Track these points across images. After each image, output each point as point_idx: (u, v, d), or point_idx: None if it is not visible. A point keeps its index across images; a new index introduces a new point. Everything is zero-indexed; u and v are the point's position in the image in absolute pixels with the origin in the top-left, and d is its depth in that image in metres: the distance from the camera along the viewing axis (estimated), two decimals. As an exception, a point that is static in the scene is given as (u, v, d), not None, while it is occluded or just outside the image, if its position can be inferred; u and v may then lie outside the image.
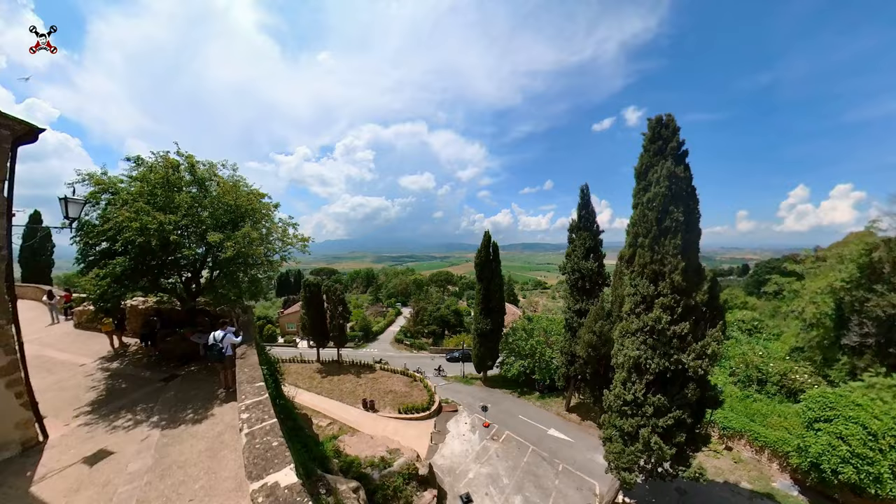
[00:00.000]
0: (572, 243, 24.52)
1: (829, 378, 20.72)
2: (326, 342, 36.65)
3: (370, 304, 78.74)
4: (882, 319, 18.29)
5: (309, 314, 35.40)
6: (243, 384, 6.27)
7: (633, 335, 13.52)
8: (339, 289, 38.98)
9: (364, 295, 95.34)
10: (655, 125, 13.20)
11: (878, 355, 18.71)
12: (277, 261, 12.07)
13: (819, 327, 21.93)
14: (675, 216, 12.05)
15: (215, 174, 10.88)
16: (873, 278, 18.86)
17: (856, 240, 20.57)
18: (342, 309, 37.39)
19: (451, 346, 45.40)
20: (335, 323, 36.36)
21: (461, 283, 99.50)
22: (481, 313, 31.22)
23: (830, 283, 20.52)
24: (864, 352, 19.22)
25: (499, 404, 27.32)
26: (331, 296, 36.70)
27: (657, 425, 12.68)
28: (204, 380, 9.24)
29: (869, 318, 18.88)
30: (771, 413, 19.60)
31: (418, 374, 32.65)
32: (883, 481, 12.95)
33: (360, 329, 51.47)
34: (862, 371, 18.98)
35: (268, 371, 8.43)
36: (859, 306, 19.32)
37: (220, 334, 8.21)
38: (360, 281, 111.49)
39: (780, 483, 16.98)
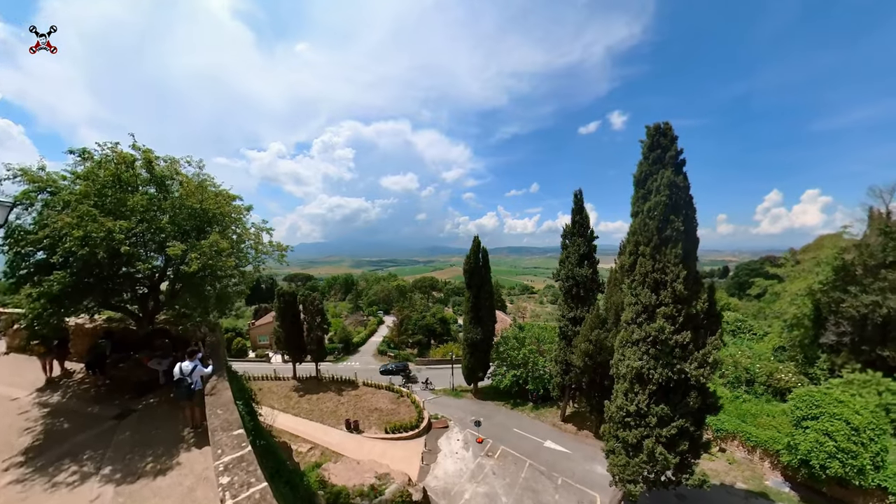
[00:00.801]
0: (566, 249, 24.87)
1: (810, 375, 22.25)
2: (303, 357, 35.02)
3: (350, 312, 77.01)
4: (856, 319, 19.77)
5: (283, 326, 33.68)
6: (217, 432, 5.27)
7: (634, 345, 13.82)
8: (317, 298, 37.45)
9: (343, 303, 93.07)
10: (654, 133, 13.59)
11: (853, 353, 20.23)
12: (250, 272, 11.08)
13: (799, 327, 23.57)
14: (676, 225, 12.49)
15: (178, 172, 9.75)
16: (847, 280, 20.46)
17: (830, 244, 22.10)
18: (320, 320, 35.91)
19: (439, 356, 45.04)
20: (313, 335, 34.82)
21: (446, 289, 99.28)
22: (471, 322, 31.17)
23: (809, 286, 22.00)
24: (841, 350, 20.70)
25: (491, 417, 27.29)
26: (308, 306, 35.16)
27: (661, 435, 12.99)
28: (166, 416, 8.11)
29: (844, 318, 20.41)
30: (760, 413, 20.80)
31: (405, 389, 32.21)
32: (866, 473, 14.21)
33: (339, 341, 50.13)
34: (840, 368, 20.38)
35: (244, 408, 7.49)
36: (835, 307, 20.88)
37: (189, 366, 7.24)
38: (338, 287, 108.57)
39: (773, 481, 18.02)
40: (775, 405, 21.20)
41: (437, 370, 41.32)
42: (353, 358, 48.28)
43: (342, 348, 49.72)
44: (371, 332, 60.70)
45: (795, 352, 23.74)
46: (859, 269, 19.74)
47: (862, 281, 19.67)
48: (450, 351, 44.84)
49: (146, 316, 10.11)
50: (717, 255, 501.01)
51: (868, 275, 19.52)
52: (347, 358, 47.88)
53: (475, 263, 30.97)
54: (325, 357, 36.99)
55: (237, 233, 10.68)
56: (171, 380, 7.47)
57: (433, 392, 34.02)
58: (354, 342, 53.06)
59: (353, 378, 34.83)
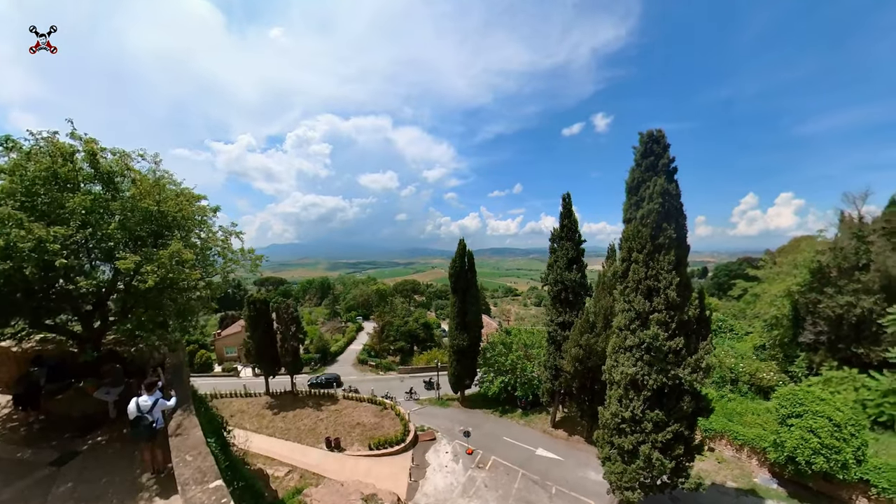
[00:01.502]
0: (554, 253, 25.30)
1: (790, 373, 23.71)
2: (277, 370, 33.41)
3: (326, 318, 75.20)
4: (832, 318, 21.27)
5: (254, 337, 31.97)
6: (190, 486, 4.41)
7: (627, 351, 14.27)
8: (292, 305, 35.84)
9: (319, 308, 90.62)
10: (647, 140, 14.11)
11: (830, 351, 21.73)
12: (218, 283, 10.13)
13: (779, 327, 25.11)
14: (669, 233, 13.02)
15: (129, 167, 8.61)
16: (823, 282, 22.02)
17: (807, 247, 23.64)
18: (295, 329, 34.44)
19: (422, 363, 44.63)
20: (288, 346, 33.30)
21: (428, 293, 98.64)
22: (457, 328, 31.10)
23: (787, 287, 23.40)
24: (819, 348, 22.21)
25: (480, 427, 27.32)
26: (281, 314, 33.59)
27: (657, 440, 13.45)
28: (118, 458, 6.93)
29: (821, 318, 21.94)
30: (745, 411, 21.96)
31: (388, 401, 31.61)
32: (848, 467, 15.39)
33: (316, 350, 48.78)
34: (818, 366, 21.78)
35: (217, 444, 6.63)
36: (813, 307, 22.45)
37: (148, 401, 6.34)
38: (313, 292, 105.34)
39: (761, 478, 19.09)
40: (759, 403, 22.47)
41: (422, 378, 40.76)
42: (331, 368, 46.88)
43: (319, 359, 48.42)
44: (350, 339, 59.36)
45: (776, 350, 25.36)
46: (834, 271, 21.31)
47: (837, 282, 21.28)
48: (434, 358, 44.50)
49: (91, 337, 8.94)
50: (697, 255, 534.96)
51: (842, 276, 21.11)
52: (325, 369, 46.45)
53: (460, 267, 30.89)
54: (301, 369, 35.49)
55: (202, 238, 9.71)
56: (123, 413, 6.51)
57: (418, 402, 33.75)
58: (332, 351, 51.71)
59: (333, 391, 33.99)
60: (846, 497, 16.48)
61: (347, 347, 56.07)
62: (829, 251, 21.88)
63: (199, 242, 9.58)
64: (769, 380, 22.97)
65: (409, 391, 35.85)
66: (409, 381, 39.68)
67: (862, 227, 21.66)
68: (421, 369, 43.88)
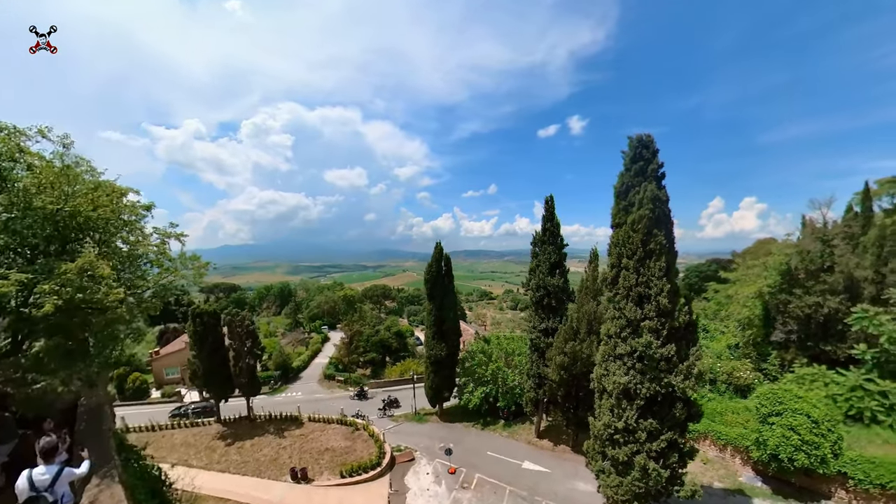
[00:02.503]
0: (536, 258, 25.52)
1: (764, 371, 25.48)
2: (230, 392, 30.54)
3: (287, 329, 71.99)
4: (801, 318, 23.27)
5: (201, 356, 29.08)
6: None
7: (618, 359, 14.60)
8: (247, 317, 33.03)
9: (278, 318, 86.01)
10: (636, 145, 14.56)
11: (800, 348, 23.70)
12: (150, 301, 8.61)
13: (751, 327, 26.92)
14: (659, 239, 13.46)
15: (22, 149, 7.03)
16: (792, 283, 23.87)
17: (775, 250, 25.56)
18: (251, 344, 31.77)
19: (395, 375, 43.71)
20: (242, 364, 30.69)
21: (400, 298, 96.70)
22: (434, 337, 30.72)
23: (759, 289, 25.14)
24: (790, 346, 24.17)
25: (462, 442, 27.06)
26: (235, 328, 30.83)
27: (651, 450, 13.80)
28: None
29: (791, 318, 24.01)
30: (725, 410, 23.28)
31: (360, 420, 30.42)
32: (827, 461, 16.65)
33: (276, 367, 46.12)
34: (789, 363, 23.52)
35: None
36: (783, 307, 24.57)
37: (47, 473, 4.84)
38: (271, 299, 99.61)
39: (746, 477, 20.28)
40: (738, 402, 23.91)
41: (396, 391, 39.84)
42: (294, 387, 44.63)
43: (280, 376, 45.71)
44: (314, 352, 57.04)
45: (749, 349, 27.40)
46: (801, 273, 23.32)
47: (804, 284, 23.44)
48: (409, 369, 43.44)
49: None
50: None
51: (809, 278, 23.26)
52: (287, 388, 44.10)
53: (437, 272, 30.45)
54: (258, 390, 32.82)
55: (129, 242, 8.13)
56: (13, 481, 4.94)
57: (393, 419, 32.86)
58: (295, 367, 49.24)
59: (297, 413, 31.98)
60: (826, 490, 17.92)
61: (312, 361, 53.86)
62: (796, 254, 23.77)
63: (126, 248, 7.98)
64: (746, 378, 24.58)
65: (382, 407, 34.58)
66: (383, 397, 38.14)
67: (826, 231, 23.78)
68: (394, 382, 42.91)
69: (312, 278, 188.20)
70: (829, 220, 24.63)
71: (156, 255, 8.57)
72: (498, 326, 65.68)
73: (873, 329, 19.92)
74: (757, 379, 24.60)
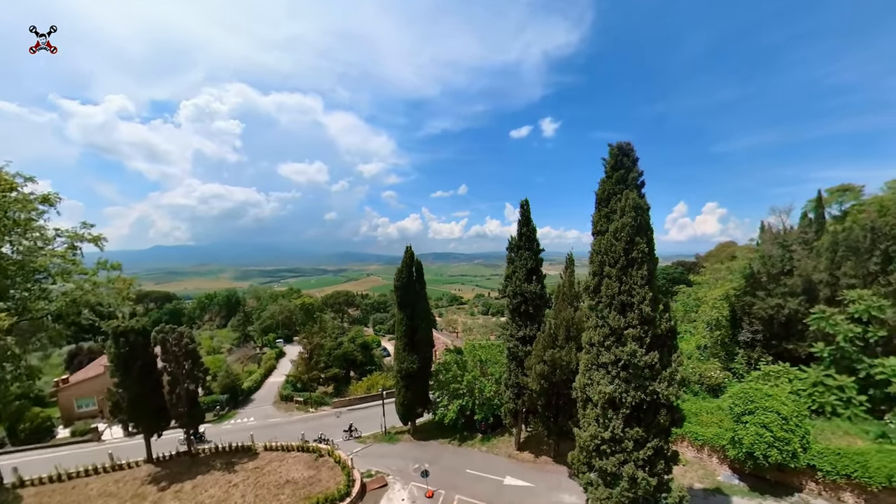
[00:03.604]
0: (512, 263, 25.89)
1: (732, 370, 27.61)
2: (165, 425, 27.18)
3: (235, 344, 67.95)
4: (765, 319, 25.65)
5: (126, 383, 25.57)
6: None
7: (602, 368, 15.24)
8: (186, 334, 29.71)
9: (223, 331, 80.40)
10: (617, 153, 15.45)
11: (765, 347, 26.25)
12: (53, 328, 7.03)
13: (719, 328, 29.07)
14: (641, 247, 14.15)
15: None
16: (756, 286, 26.05)
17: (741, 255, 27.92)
18: (191, 365, 28.62)
19: (362, 391, 42.98)
20: (181, 390, 27.47)
21: (364, 305, 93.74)
22: (405, 349, 30.25)
23: (726, 292, 27.18)
24: (755, 345, 26.56)
25: (438, 461, 26.82)
26: (170, 347, 27.56)
27: (639, 458, 14.42)
28: None
29: (756, 318, 26.42)
30: (700, 411, 24.89)
31: (324, 445, 28.91)
32: (798, 456, 18.24)
33: (222, 390, 43.12)
34: (756, 361, 25.66)
35: None
36: (748, 309, 27.09)
37: None
38: (215, 310, 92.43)
39: (724, 476, 21.72)
40: (711, 401, 25.64)
41: (363, 409, 38.85)
42: (245, 411, 41.83)
43: (227, 400, 42.61)
44: (268, 370, 54.38)
45: (717, 349, 29.78)
46: (764, 276, 25.61)
47: (767, 287, 25.85)
48: (376, 384, 42.50)
49: None
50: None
51: (771, 281, 25.61)
52: (236, 413, 41.20)
53: (408, 278, 29.97)
54: (201, 419, 29.59)
55: (23, 250, 6.54)
56: None
57: (360, 441, 31.84)
58: (245, 388, 46.33)
59: (250, 442, 29.53)
60: (797, 483, 19.76)
61: (265, 381, 51.27)
62: (758, 259, 26.03)
63: (16, 256, 6.36)
64: (717, 378, 26.34)
65: (348, 428, 33.39)
66: (349, 416, 36.64)
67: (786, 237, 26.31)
68: (361, 399, 41.83)
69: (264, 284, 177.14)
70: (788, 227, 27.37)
71: (59, 267, 6.93)
72: (470, 333, 65.78)
73: (829, 328, 22.29)
74: (727, 378, 26.65)
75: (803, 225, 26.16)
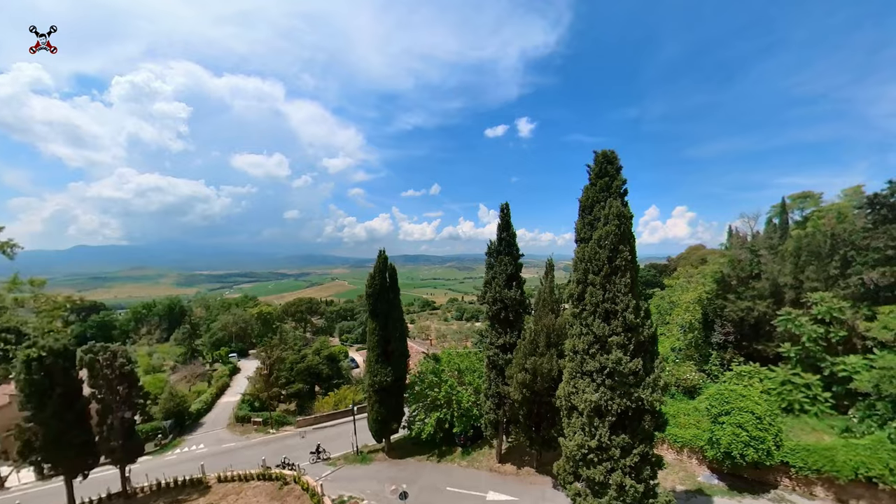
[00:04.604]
0: (492, 269, 26.18)
1: (706, 371, 29.26)
2: (92, 463, 24.12)
3: (180, 361, 63.70)
4: (736, 321, 27.39)
5: (41, 417, 22.28)
6: None
7: (587, 376, 15.79)
8: (122, 353, 26.66)
9: (164, 346, 75.55)
10: (602, 160, 16.09)
11: (736, 348, 28.21)
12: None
13: (692, 330, 30.84)
14: (625, 255, 14.81)
15: None
16: (726, 289, 27.93)
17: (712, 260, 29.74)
18: (127, 390, 25.74)
19: (329, 408, 42.33)
20: (114, 421, 24.46)
21: (329, 313, 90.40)
22: (378, 360, 29.63)
23: (699, 296, 28.76)
24: (728, 347, 28.50)
25: (417, 480, 26.43)
26: (101, 370, 24.59)
27: (626, 466, 14.94)
28: None
29: (727, 321, 28.24)
30: (678, 412, 26.33)
31: (289, 471, 27.56)
32: (772, 453, 19.59)
33: (164, 414, 39.83)
34: (728, 362, 27.32)
35: None
36: (720, 311, 29.00)
37: None
38: (154, 322, 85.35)
39: (703, 476, 22.98)
40: (687, 403, 27.24)
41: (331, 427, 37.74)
42: (194, 437, 39.18)
43: (172, 426, 39.62)
44: (220, 388, 51.73)
45: (692, 351, 31.81)
46: (734, 280, 27.35)
47: (737, 290, 27.79)
48: (345, 398, 42.13)
49: None
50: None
51: (741, 285, 27.41)
52: (183, 440, 38.38)
53: (381, 284, 29.48)
54: (140, 452, 26.60)
55: None
56: None
57: (330, 463, 30.72)
58: (194, 411, 43.55)
59: (200, 474, 27.32)
60: (773, 480, 21.29)
61: (218, 401, 48.76)
62: (728, 263, 27.84)
63: None
64: (692, 380, 27.84)
65: (315, 450, 32.19)
66: (315, 436, 35.02)
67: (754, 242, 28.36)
68: (328, 416, 40.65)
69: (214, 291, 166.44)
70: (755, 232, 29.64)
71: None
72: (444, 339, 65.41)
73: (795, 329, 24.44)
74: (701, 379, 28.24)
75: (769, 230, 28.55)
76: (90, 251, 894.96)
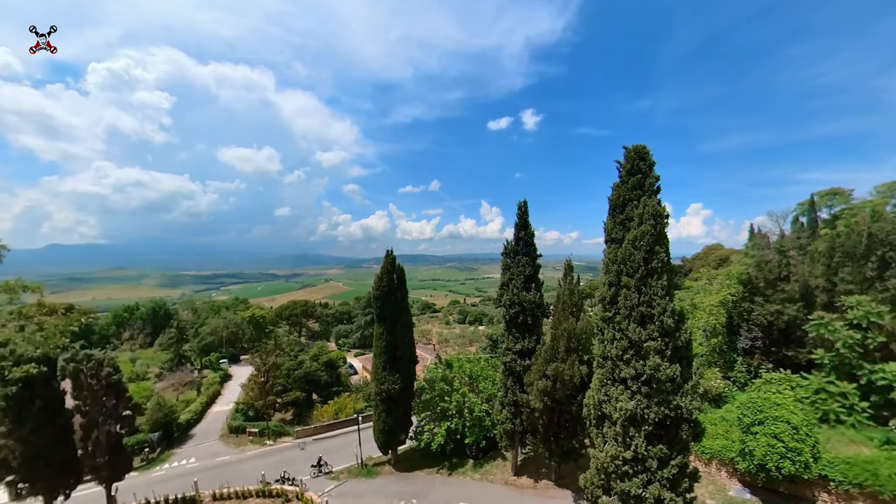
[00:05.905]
0: (509, 270, 25.96)
1: (732, 378, 28.75)
2: (75, 482, 23.24)
3: (166, 368, 62.94)
4: (764, 325, 26.93)
5: (18, 433, 21.27)
6: None
7: (621, 383, 15.55)
8: (108, 361, 25.72)
9: (148, 351, 74.66)
10: (633, 156, 15.71)
11: (764, 354, 27.78)
12: None
13: (716, 335, 30.39)
14: (661, 256, 14.61)
15: None
16: (753, 292, 27.46)
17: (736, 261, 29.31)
18: (115, 402, 24.84)
19: (329, 416, 41.25)
20: (100, 435, 23.55)
21: (325, 316, 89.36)
22: (385, 367, 29.29)
23: (723, 299, 28.36)
24: (755, 352, 28.28)
25: (427, 495, 25.99)
26: (86, 380, 23.67)
27: (663, 478, 14.67)
28: None
29: (755, 325, 27.89)
30: (704, 422, 25.07)
31: (290, 486, 27.10)
32: (809, 466, 19.23)
33: (151, 426, 39.16)
34: (756, 369, 26.86)
35: None
36: (747, 315, 28.56)
37: None
38: (137, 326, 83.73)
39: (735, 490, 22.69)
40: (714, 412, 27.07)
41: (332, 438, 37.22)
42: (184, 451, 38.42)
43: (160, 439, 38.87)
44: (211, 397, 51.17)
45: (715, 357, 31.59)
46: (762, 282, 26.97)
47: (765, 292, 27.43)
48: (345, 407, 41.46)
49: None
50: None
51: (769, 287, 26.96)
52: (172, 454, 37.58)
53: (388, 286, 29.11)
54: (128, 468, 25.72)
55: None
56: None
57: (333, 477, 30.24)
58: (183, 421, 42.90)
59: (193, 491, 26.49)
60: (810, 495, 21.01)
61: (209, 410, 48.21)
62: (755, 265, 27.53)
63: None
64: (717, 387, 27.49)
65: (317, 463, 32.03)
66: (316, 448, 34.63)
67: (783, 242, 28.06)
68: (329, 426, 40.10)
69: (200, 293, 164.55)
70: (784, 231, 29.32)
71: None
72: (447, 344, 64.68)
73: (829, 334, 24.16)
74: (727, 387, 27.84)
75: (797, 229, 28.29)
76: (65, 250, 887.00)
